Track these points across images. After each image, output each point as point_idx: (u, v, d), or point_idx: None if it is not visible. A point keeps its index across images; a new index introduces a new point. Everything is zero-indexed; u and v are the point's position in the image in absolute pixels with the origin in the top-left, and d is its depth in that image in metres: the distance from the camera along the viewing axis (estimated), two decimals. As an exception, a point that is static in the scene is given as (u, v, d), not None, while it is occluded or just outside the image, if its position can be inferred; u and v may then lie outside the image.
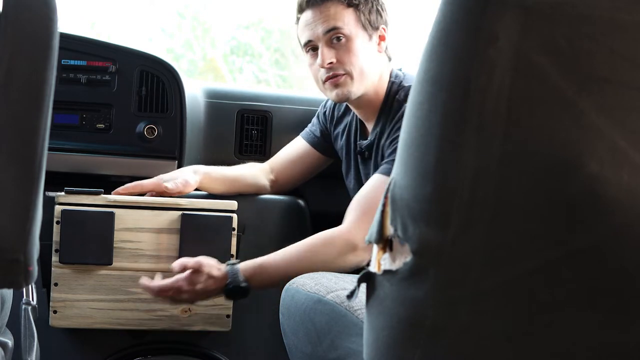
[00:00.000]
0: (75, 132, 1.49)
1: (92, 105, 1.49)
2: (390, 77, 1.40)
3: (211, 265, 1.26)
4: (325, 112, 1.56)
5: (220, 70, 3.91)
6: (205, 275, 1.25)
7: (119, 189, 1.36)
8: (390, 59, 1.41)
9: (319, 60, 1.34)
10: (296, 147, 1.58)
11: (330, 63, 1.33)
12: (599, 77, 0.39)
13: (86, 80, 1.48)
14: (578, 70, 0.39)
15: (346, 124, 1.50)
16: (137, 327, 1.37)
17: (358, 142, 1.44)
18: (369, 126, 1.42)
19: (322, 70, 1.35)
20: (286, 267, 1.28)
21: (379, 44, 1.36)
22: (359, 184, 1.43)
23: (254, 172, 1.55)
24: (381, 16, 1.36)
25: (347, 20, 1.33)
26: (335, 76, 1.34)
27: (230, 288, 1.25)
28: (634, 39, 0.40)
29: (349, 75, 1.33)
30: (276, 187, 1.57)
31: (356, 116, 1.46)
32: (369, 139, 1.41)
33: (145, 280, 1.26)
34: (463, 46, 0.41)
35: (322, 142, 1.56)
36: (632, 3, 0.39)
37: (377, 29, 1.35)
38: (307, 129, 1.59)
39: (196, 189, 1.47)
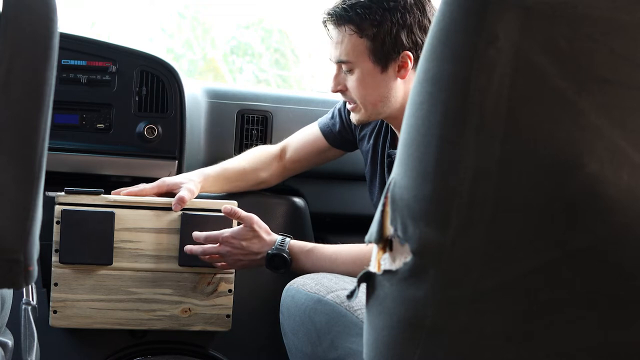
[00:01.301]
0: (75, 132, 1.49)
1: (92, 105, 1.49)
2: None
3: (262, 227, 1.28)
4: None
5: (220, 70, 3.91)
6: (254, 233, 1.26)
7: (122, 191, 1.36)
8: None
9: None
10: (311, 137, 1.53)
11: (337, 91, 1.31)
12: (599, 77, 0.39)
13: (86, 80, 1.48)
14: (578, 70, 0.39)
15: (374, 128, 1.45)
16: (137, 327, 1.37)
17: (388, 151, 1.39)
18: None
19: None
20: (330, 265, 1.28)
21: (398, 71, 1.25)
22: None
23: (257, 165, 1.52)
24: (404, 42, 1.22)
25: (358, 53, 1.24)
26: (349, 102, 1.32)
27: (274, 254, 1.26)
28: (634, 39, 0.40)
29: (359, 105, 1.30)
30: (283, 173, 1.55)
31: (386, 125, 1.41)
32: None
33: (196, 233, 1.29)
34: (463, 46, 0.41)
35: (340, 139, 1.51)
36: (632, 3, 0.39)
37: (394, 58, 1.23)
38: (325, 120, 1.52)
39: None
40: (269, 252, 1.28)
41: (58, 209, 1.30)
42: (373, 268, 0.48)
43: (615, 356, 0.42)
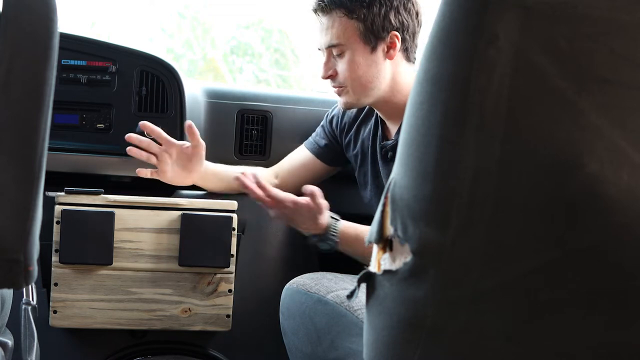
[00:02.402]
0: (75, 132, 1.49)
1: (92, 105, 1.49)
2: None
3: (324, 213, 1.29)
4: (332, 120, 1.53)
5: (220, 70, 3.91)
6: (313, 213, 1.28)
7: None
8: (411, 60, 1.36)
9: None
10: (300, 157, 1.56)
11: (327, 77, 1.34)
12: (599, 77, 0.39)
13: (86, 80, 1.48)
14: (578, 70, 0.39)
15: (360, 130, 1.47)
16: (137, 327, 1.37)
17: (381, 144, 1.41)
18: (392, 127, 1.39)
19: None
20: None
21: (387, 51, 1.30)
22: (380, 189, 1.41)
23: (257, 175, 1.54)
24: (392, 22, 1.29)
25: (349, 35, 1.29)
26: (336, 87, 1.35)
27: (322, 240, 1.30)
28: (634, 39, 0.40)
29: (348, 87, 1.33)
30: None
31: (378, 118, 1.43)
32: (393, 139, 1.38)
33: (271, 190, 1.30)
34: (463, 46, 0.41)
35: (327, 153, 1.53)
36: (632, 3, 0.39)
37: (383, 38, 1.29)
38: (310, 139, 1.56)
39: (195, 186, 1.47)
40: (319, 237, 1.30)
41: (58, 209, 1.30)
42: (373, 268, 0.48)
43: (615, 356, 0.42)
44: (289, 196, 1.29)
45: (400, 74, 1.34)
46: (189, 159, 1.39)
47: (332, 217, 1.30)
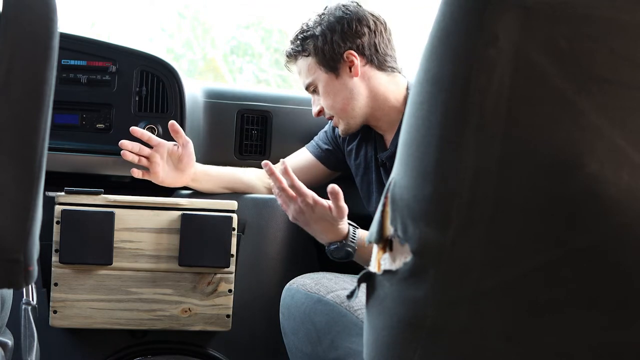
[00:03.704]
0: (75, 132, 1.49)
1: (92, 105, 1.49)
2: (408, 89, 1.39)
3: (344, 219, 1.26)
4: (334, 129, 1.54)
5: (220, 70, 3.91)
6: (332, 219, 1.24)
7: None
8: (385, 69, 1.38)
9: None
10: (301, 159, 1.56)
11: (318, 114, 1.42)
12: (599, 77, 0.39)
13: (86, 80, 1.48)
14: (578, 70, 0.39)
15: (363, 141, 1.49)
16: (137, 327, 1.37)
17: (378, 155, 1.43)
18: (388, 138, 1.42)
19: None
20: None
21: (350, 71, 1.36)
22: None
23: (249, 174, 1.54)
24: (340, 44, 1.35)
25: (312, 71, 1.39)
26: (328, 119, 1.44)
27: (339, 248, 1.26)
28: (634, 39, 0.40)
29: (335, 116, 1.41)
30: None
31: (373, 131, 1.46)
32: (389, 149, 1.40)
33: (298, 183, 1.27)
34: (463, 46, 0.41)
35: (329, 157, 1.55)
36: (632, 3, 0.39)
37: (340, 61, 1.36)
38: (313, 142, 1.58)
39: (190, 189, 1.48)
40: (336, 246, 1.26)
41: (58, 209, 1.30)
42: (373, 268, 0.48)
43: (615, 356, 0.42)
44: (311, 192, 1.26)
45: (378, 86, 1.37)
46: (179, 159, 1.41)
47: (351, 225, 1.28)
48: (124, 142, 1.38)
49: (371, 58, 1.36)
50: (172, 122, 1.39)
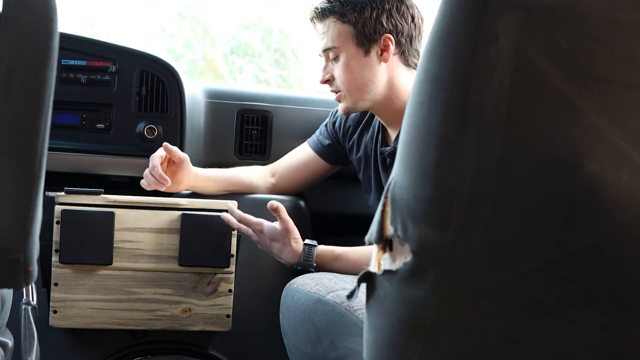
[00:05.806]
0: (75, 132, 1.49)
1: (92, 105, 1.49)
2: None
3: (297, 239, 1.31)
4: (335, 122, 1.54)
5: (220, 70, 3.90)
6: (286, 242, 1.30)
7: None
8: (410, 65, 1.36)
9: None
10: (302, 154, 1.57)
11: (325, 81, 1.37)
12: (599, 78, 0.39)
13: (86, 80, 1.48)
14: (578, 70, 0.39)
15: (363, 134, 1.48)
16: (137, 327, 1.37)
17: (380, 149, 1.42)
18: (392, 133, 1.40)
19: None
20: (356, 271, 1.29)
21: (380, 54, 1.32)
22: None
23: (249, 174, 1.54)
24: (384, 25, 1.31)
25: (342, 39, 1.32)
26: (334, 91, 1.38)
27: (300, 269, 1.30)
28: (634, 39, 0.40)
29: (344, 92, 1.35)
30: (275, 190, 1.57)
31: (379, 124, 1.44)
32: (392, 145, 1.39)
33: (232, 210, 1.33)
34: (463, 46, 0.41)
35: (330, 152, 1.54)
36: (632, 3, 0.39)
37: (376, 41, 1.31)
38: (314, 137, 1.57)
39: (191, 192, 1.48)
40: (295, 266, 1.31)
41: (58, 209, 1.30)
42: (373, 268, 0.48)
43: (615, 356, 0.42)
44: (258, 219, 1.32)
45: (398, 79, 1.35)
46: (175, 172, 1.41)
47: (307, 244, 1.31)
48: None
49: (403, 49, 1.34)
50: (165, 144, 1.37)
